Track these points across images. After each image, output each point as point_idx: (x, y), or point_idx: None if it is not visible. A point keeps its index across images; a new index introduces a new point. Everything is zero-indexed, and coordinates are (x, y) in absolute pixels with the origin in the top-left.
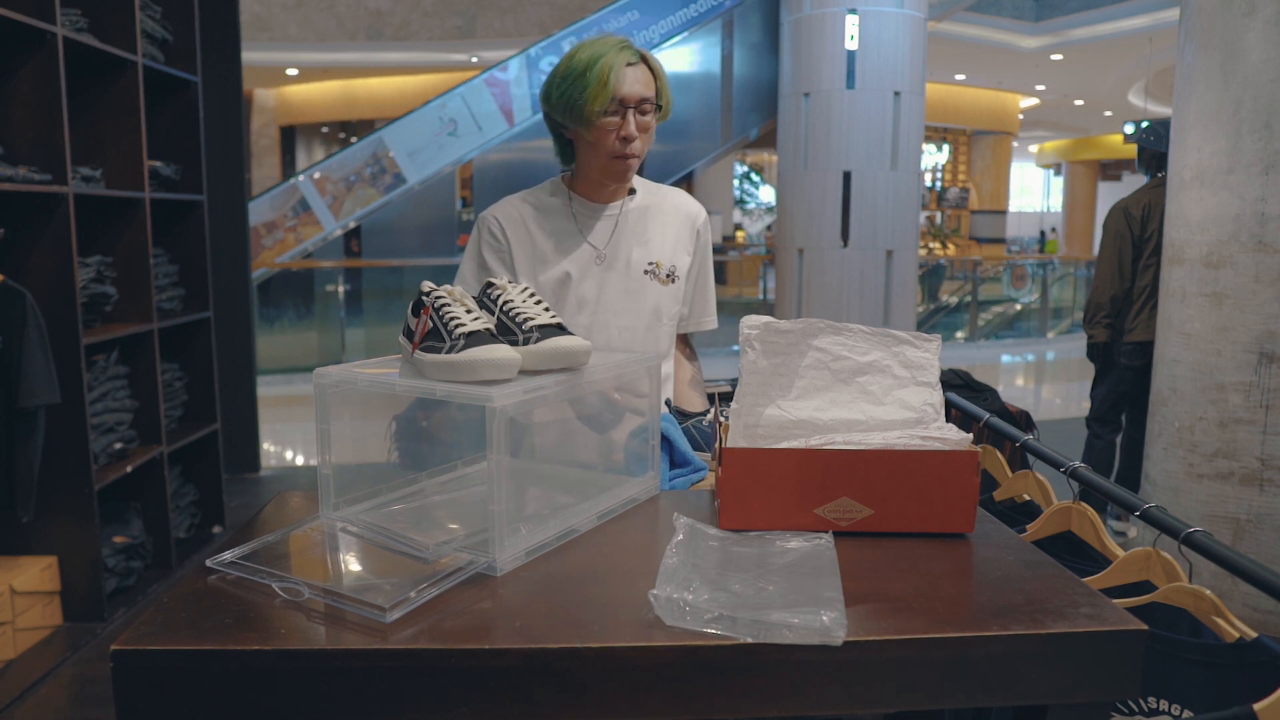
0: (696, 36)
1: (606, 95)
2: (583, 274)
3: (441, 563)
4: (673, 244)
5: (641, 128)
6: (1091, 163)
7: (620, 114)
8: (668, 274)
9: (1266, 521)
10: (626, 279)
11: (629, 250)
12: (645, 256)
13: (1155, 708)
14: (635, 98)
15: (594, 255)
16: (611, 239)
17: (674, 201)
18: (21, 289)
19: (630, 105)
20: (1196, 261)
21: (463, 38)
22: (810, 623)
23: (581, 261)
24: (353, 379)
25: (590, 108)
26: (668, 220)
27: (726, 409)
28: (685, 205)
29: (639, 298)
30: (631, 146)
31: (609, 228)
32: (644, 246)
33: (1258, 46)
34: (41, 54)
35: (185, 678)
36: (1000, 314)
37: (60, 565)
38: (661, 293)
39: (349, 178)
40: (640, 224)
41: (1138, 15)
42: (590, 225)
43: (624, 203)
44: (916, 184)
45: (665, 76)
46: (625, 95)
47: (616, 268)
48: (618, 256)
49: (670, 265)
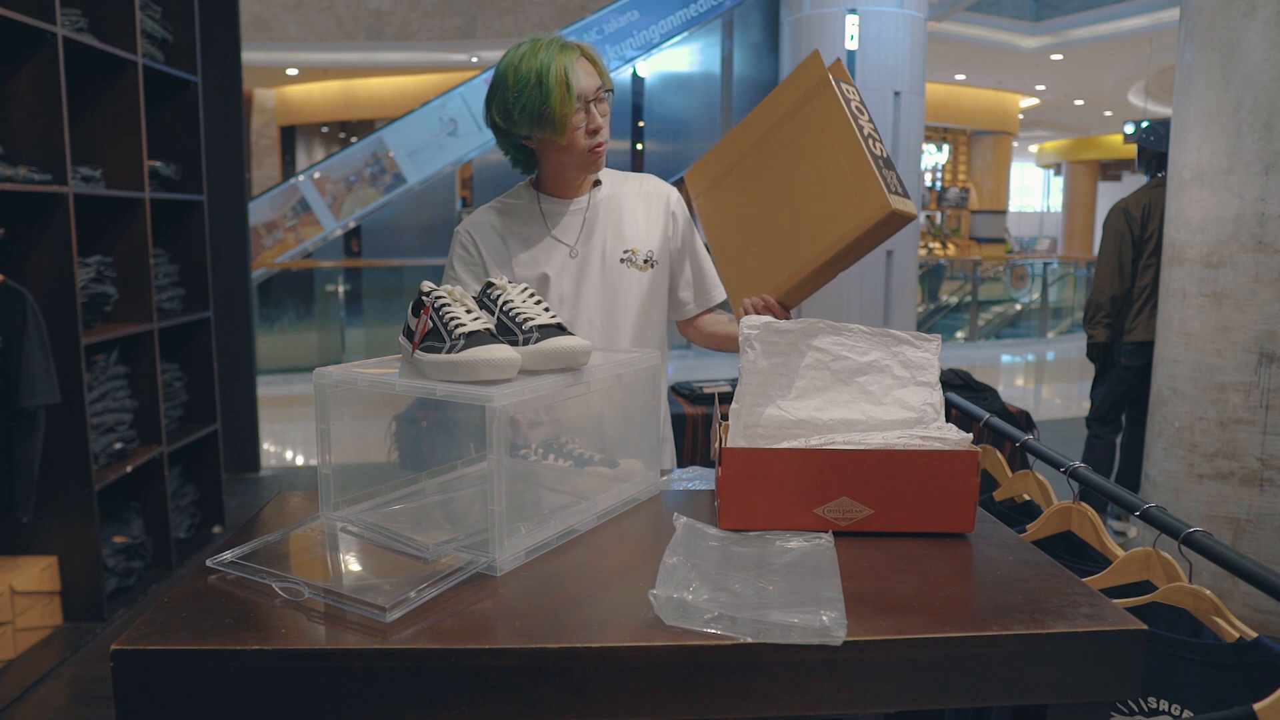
0: (696, 36)
1: (573, 98)
2: (560, 272)
3: (441, 563)
4: (646, 229)
5: (602, 114)
6: (1091, 163)
7: (584, 110)
8: (645, 259)
9: (1266, 521)
10: (603, 271)
11: (602, 242)
12: (620, 245)
13: (1155, 708)
14: (592, 91)
15: (568, 251)
16: (582, 233)
17: (643, 187)
18: (21, 289)
19: (589, 98)
20: (1196, 261)
21: (463, 38)
22: (810, 622)
23: (557, 260)
24: (353, 379)
25: (561, 113)
26: (638, 206)
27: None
28: (655, 188)
29: (619, 288)
30: (600, 137)
31: (578, 222)
32: (618, 236)
33: (1258, 46)
34: (41, 54)
35: (185, 678)
36: (1000, 314)
37: (60, 565)
38: (642, 279)
39: (349, 178)
40: (611, 213)
41: (1138, 15)
42: (560, 222)
43: (591, 195)
44: (916, 184)
45: (602, 59)
46: (582, 91)
47: (592, 261)
48: (591, 249)
49: (648, 250)
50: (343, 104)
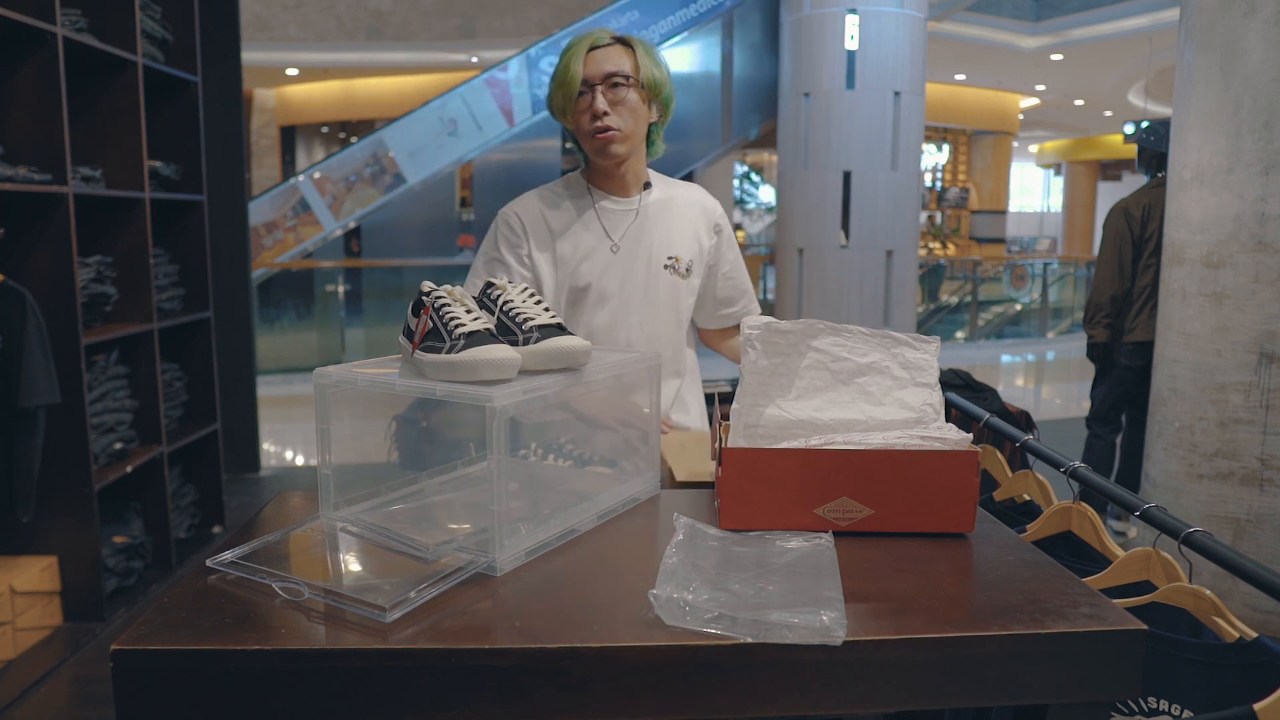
0: (696, 36)
1: (571, 83)
2: (604, 269)
3: (441, 563)
4: (691, 238)
5: (614, 101)
6: (1091, 163)
7: (590, 94)
8: (686, 268)
9: (1266, 521)
10: (647, 273)
11: (650, 244)
12: (666, 251)
13: (1155, 708)
14: (599, 75)
15: (612, 249)
16: (630, 233)
17: (690, 196)
18: (21, 289)
19: (596, 83)
20: (1196, 261)
21: (463, 38)
22: (810, 622)
23: (601, 256)
24: (353, 379)
25: (561, 96)
26: (685, 214)
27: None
28: (701, 199)
29: (659, 292)
30: (606, 120)
31: (628, 221)
32: (665, 240)
33: (1258, 46)
34: (41, 54)
35: (185, 678)
36: (1000, 314)
37: (60, 565)
38: (680, 286)
39: (349, 178)
40: (660, 218)
41: (1138, 15)
42: (610, 219)
43: (642, 196)
44: (916, 184)
45: (651, 54)
46: (589, 75)
47: (638, 262)
48: (638, 250)
49: (689, 260)
50: (343, 104)
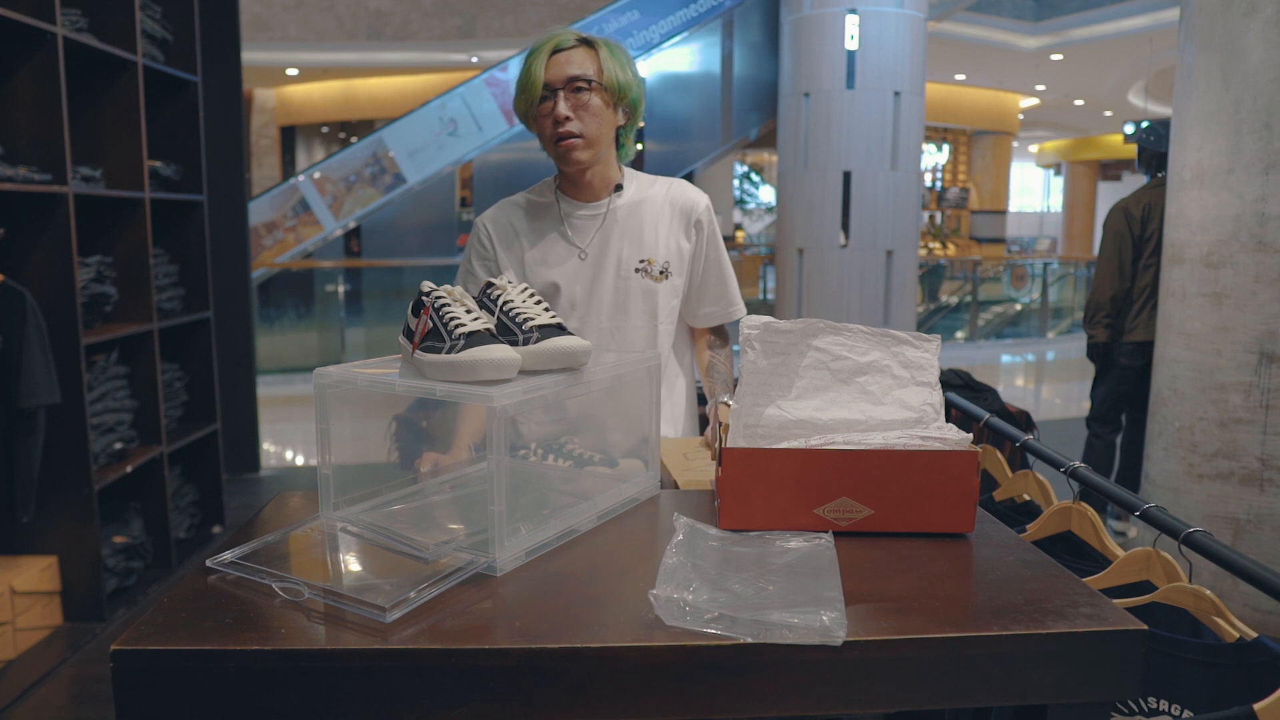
0: (696, 36)
1: (533, 88)
2: (572, 276)
3: (441, 563)
4: (665, 239)
5: (576, 106)
6: (1091, 163)
7: (552, 99)
8: (661, 270)
9: (1266, 521)
10: (616, 278)
11: (619, 249)
12: (636, 254)
13: (1155, 708)
14: (561, 79)
15: (580, 255)
16: (598, 238)
17: (669, 194)
18: (21, 289)
19: (558, 87)
20: (1196, 261)
21: (463, 38)
22: (810, 623)
23: (569, 263)
24: (353, 379)
25: (524, 101)
26: (660, 214)
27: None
28: (681, 196)
29: (630, 297)
30: (568, 126)
31: (595, 226)
32: (635, 244)
33: (1258, 46)
34: (41, 54)
35: (185, 678)
36: (1000, 314)
37: (60, 565)
38: (655, 290)
39: (349, 178)
40: (630, 220)
41: (1138, 15)
42: (576, 225)
43: (610, 200)
44: (916, 184)
45: (617, 56)
46: (550, 79)
47: (606, 267)
48: (606, 256)
49: (664, 261)
50: (343, 104)
